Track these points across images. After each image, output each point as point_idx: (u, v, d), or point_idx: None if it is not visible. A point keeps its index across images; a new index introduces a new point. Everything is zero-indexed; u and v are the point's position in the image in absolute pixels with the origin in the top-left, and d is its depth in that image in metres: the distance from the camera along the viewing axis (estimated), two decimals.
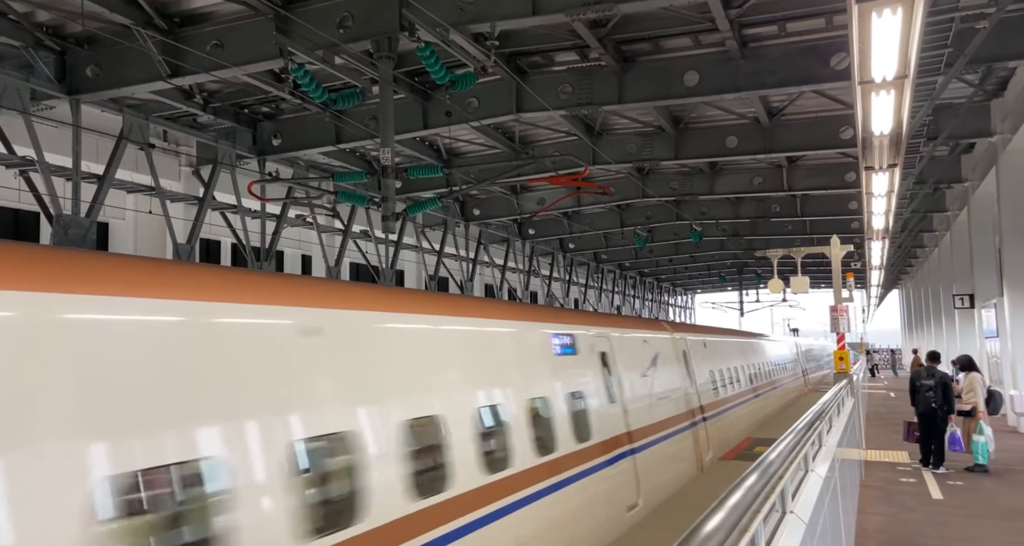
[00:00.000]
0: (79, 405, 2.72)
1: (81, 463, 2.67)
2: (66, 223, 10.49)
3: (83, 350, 2.79)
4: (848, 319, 14.35)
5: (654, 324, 10.97)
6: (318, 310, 4.10)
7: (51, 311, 2.75)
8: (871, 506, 8.71)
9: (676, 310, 52.12)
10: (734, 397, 13.92)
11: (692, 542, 1.89)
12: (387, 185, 9.34)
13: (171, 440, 3.02)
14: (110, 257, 3.51)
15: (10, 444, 2.49)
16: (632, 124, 15.40)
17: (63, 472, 2.61)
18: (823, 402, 6.25)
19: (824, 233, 21.43)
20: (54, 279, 2.85)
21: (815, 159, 17.81)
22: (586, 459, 6.71)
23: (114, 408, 2.83)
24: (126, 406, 2.88)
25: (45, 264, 2.97)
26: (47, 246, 3.48)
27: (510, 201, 20.66)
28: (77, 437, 2.69)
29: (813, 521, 3.52)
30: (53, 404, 2.64)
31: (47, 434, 2.61)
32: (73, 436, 2.68)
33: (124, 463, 2.79)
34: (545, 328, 6.85)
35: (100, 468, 2.71)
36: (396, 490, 4.19)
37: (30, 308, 2.69)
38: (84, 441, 2.70)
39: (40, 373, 2.65)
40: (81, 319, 2.85)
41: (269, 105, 13.77)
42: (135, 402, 2.92)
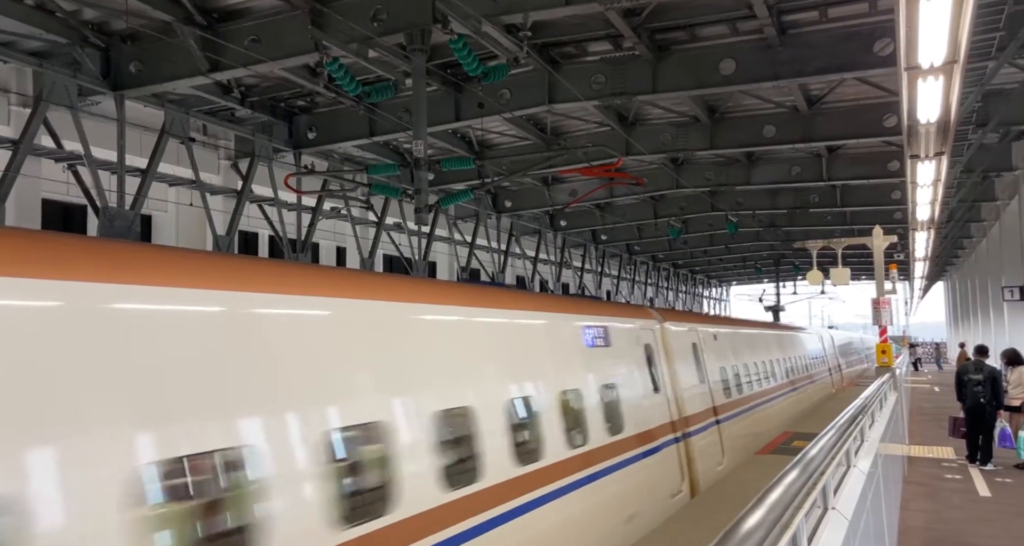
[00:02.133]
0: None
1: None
2: (112, 216, 10.80)
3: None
4: (891, 312, 13.97)
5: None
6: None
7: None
8: (915, 503, 8.50)
9: (710, 302, 51.46)
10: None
11: (731, 539, 1.86)
12: (420, 177, 9.39)
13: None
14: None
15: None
16: (666, 114, 15.18)
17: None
18: (865, 396, 6.10)
19: (865, 224, 20.86)
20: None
21: (856, 148, 17.34)
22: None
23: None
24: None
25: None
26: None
27: (542, 193, 20.60)
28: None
29: (856, 518, 3.44)
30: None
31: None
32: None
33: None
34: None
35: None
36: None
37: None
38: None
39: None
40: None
41: (304, 99, 13.94)
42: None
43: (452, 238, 20.73)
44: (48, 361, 2.58)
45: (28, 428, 2.47)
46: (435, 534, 4.13)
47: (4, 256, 2.63)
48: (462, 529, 4.38)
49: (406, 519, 3.95)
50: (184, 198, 14.42)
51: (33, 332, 2.58)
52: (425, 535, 4.05)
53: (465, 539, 4.37)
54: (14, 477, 2.40)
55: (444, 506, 4.28)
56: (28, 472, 2.45)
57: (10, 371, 2.48)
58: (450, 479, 4.39)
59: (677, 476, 8.40)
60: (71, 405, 2.60)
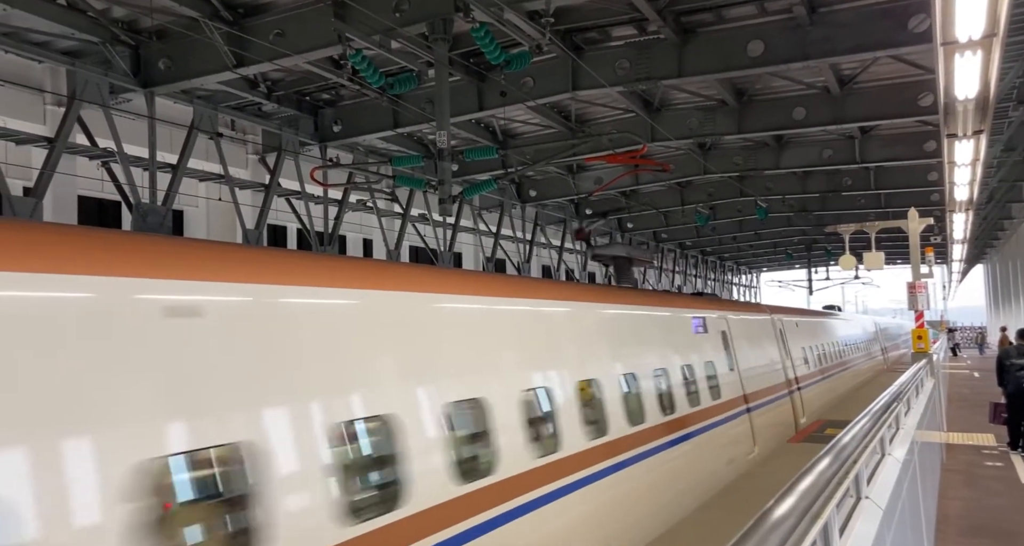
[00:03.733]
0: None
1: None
2: (144, 211, 11.02)
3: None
4: (927, 296, 13.62)
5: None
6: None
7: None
8: (953, 491, 8.32)
9: (740, 289, 50.78)
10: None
11: (761, 527, 1.83)
12: (443, 168, 9.39)
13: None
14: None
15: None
16: (693, 98, 14.94)
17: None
18: (900, 383, 5.96)
19: (900, 206, 20.35)
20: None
21: (890, 128, 16.88)
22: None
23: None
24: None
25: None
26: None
27: (566, 181, 20.47)
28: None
29: (891, 506, 3.37)
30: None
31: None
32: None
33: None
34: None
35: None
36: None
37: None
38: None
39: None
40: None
41: (329, 92, 14.02)
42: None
43: (477, 228, 20.74)
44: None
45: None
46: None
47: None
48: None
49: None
50: (214, 193, 14.66)
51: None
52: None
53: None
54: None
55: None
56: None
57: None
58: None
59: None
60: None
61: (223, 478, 3.03)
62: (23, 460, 2.37)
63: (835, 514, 2.42)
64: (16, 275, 2.52)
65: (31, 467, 2.38)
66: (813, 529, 2.16)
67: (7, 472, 2.33)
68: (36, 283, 2.56)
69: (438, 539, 3.82)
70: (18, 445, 2.37)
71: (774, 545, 1.75)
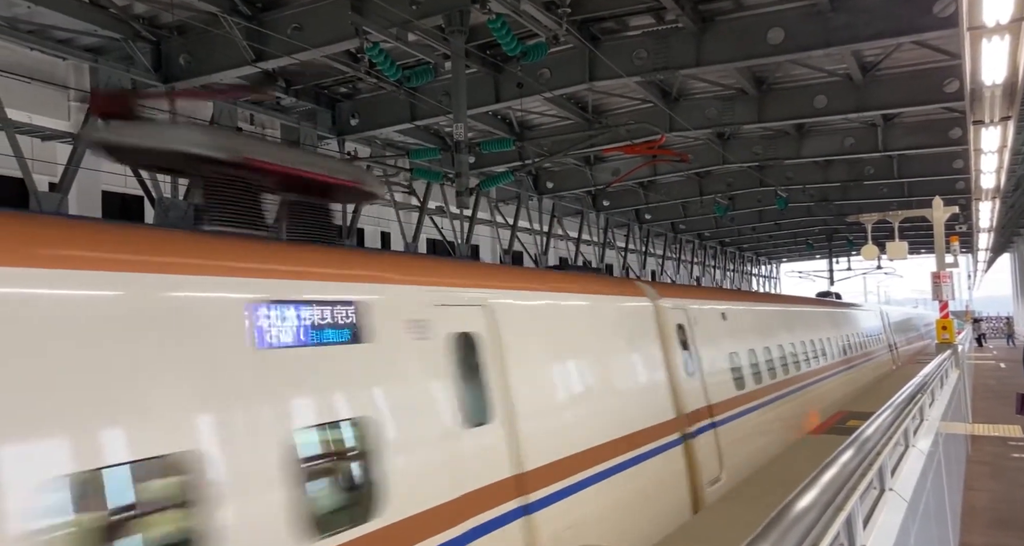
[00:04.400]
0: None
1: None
2: (167, 206, 11.17)
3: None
4: (952, 286, 13.39)
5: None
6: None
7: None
8: (979, 482, 8.21)
9: (760, 280, 50.31)
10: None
11: (783, 520, 1.82)
12: (460, 161, 9.39)
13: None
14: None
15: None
16: (711, 87, 14.77)
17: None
18: (924, 374, 5.89)
19: (924, 195, 19.98)
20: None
21: (914, 116, 16.56)
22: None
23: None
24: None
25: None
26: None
27: (584, 173, 20.37)
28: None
29: (915, 498, 3.34)
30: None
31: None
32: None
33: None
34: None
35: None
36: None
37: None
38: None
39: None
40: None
41: (347, 85, 14.07)
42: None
43: (494, 221, 20.74)
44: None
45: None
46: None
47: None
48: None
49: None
50: None
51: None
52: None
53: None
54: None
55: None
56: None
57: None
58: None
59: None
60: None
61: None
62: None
63: (858, 506, 2.40)
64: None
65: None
66: (836, 521, 2.15)
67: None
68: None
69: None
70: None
71: (796, 538, 1.75)
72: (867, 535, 2.50)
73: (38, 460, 2.36)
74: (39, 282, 2.52)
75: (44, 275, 2.54)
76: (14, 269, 2.47)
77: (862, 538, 2.39)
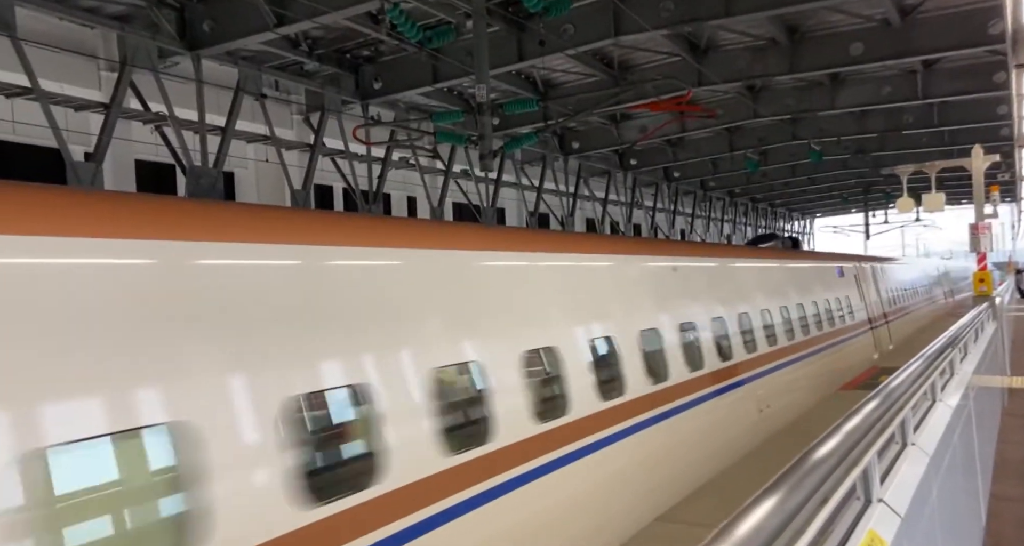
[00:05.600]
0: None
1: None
2: (197, 174, 11.36)
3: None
4: (990, 237, 13.02)
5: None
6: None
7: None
8: (1015, 435, 8.14)
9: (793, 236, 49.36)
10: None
11: (798, 470, 1.87)
12: (483, 122, 9.33)
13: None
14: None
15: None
16: (741, 38, 14.30)
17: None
18: (957, 328, 5.81)
19: (966, 143, 19.22)
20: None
21: (956, 61, 15.84)
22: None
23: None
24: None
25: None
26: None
27: (610, 131, 20.05)
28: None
29: (939, 452, 3.36)
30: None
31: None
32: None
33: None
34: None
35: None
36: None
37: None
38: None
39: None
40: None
41: (369, 48, 13.97)
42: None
43: (519, 183, 20.63)
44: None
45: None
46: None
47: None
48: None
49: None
50: (262, 154, 14.94)
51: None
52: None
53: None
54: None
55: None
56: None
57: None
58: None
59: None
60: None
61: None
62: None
63: (875, 460, 2.44)
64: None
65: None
66: (852, 474, 2.20)
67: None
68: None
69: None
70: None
71: (809, 488, 1.80)
72: (885, 487, 2.54)
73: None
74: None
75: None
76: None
77: (879, 492, 2.43)
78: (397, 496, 3.53)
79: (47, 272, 2.58)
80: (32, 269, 2.56)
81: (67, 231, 2.69)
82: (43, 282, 2.56)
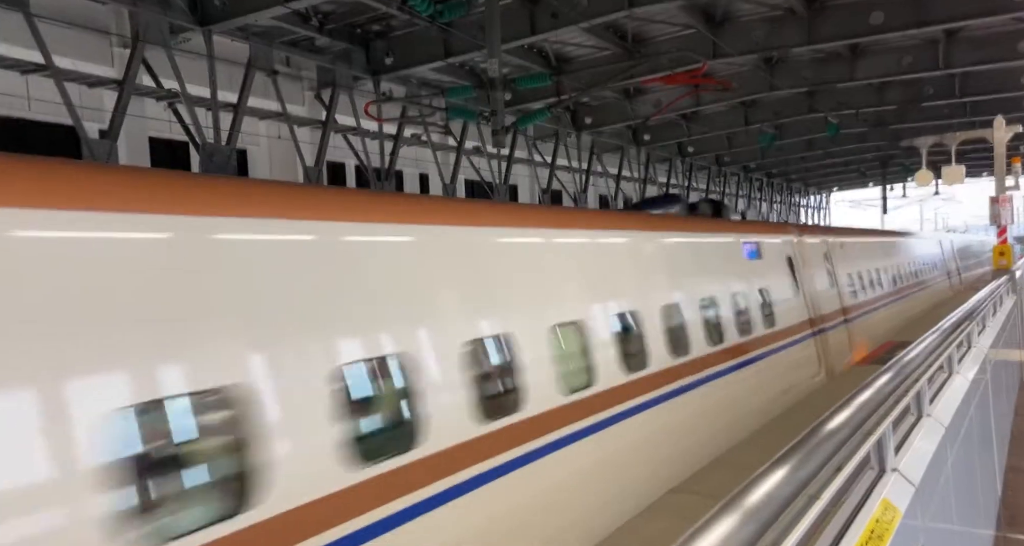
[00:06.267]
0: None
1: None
2: (210, 151, 11.38)
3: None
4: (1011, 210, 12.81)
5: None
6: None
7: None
8: None
9: (808, 211, 48.83)
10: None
11: (811, 440, 1.88)
12: (495, 98, 9.26)
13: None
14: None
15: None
16: (758, 8, 13.99)
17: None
18: (975, 301, 5.75)
19: (988, 114, 18.81)
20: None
21: (979, 29, 15.43)
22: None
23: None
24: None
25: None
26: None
27: (624, 106, 19.80)
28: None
29: (955, 424, 3.35)
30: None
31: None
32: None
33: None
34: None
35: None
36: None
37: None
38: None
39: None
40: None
41: (380, 23, 13.84)
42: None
43: (532, 159, 20.50)
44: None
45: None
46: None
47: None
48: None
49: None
50: (274, 131, 14.94)
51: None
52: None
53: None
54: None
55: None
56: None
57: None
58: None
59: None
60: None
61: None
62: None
63: (890, 429, 2.44)
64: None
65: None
66: (866, 444, 2.20)
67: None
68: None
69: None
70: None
71: (822, 457, 1.81)
72: (900, 458, 2.54)
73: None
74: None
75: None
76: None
77: (893, 462, 2.43)
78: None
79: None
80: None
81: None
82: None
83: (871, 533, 1.99)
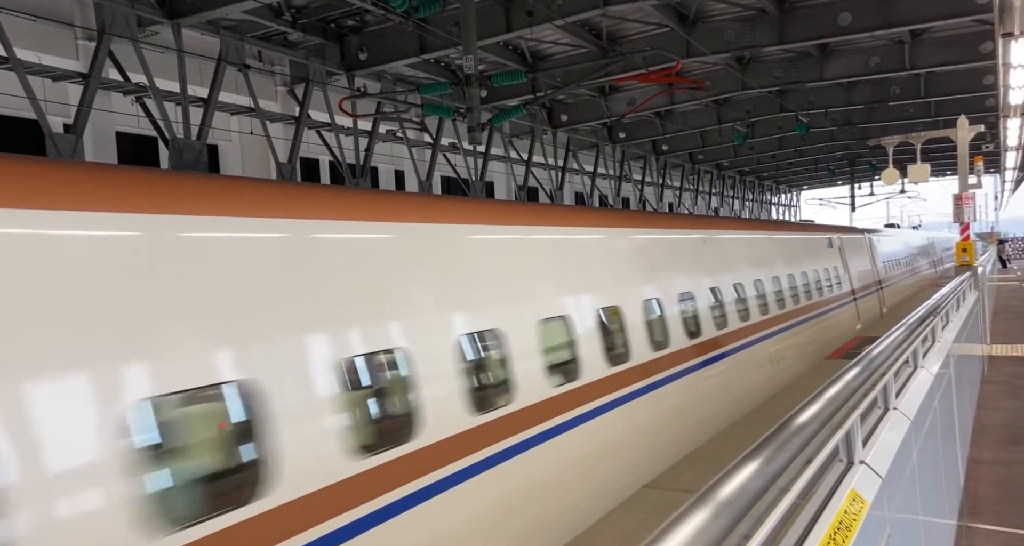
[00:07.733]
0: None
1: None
2: (180, 147, 11.18)
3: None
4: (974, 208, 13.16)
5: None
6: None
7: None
8: (994, 401, 8.35)
9: (780, 209, 49.60)
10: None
11: (781, 434, 1.91)
12: (471, 94, 9.24)
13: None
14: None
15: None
16: (730, 8, 14.16)
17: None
18: (938, 297, 5.91)
19: (952, 114, 19.32)
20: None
21: (944, 30, 15.82)
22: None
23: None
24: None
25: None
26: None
27: (599, 104, 19.91)
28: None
29: (920, 417, 3.44)
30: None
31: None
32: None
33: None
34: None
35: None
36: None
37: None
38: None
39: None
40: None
41: (354, 18, 13.70)
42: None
43: (508, 157, 20.49)
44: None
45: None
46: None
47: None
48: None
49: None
50: (246, 127, 14.72)
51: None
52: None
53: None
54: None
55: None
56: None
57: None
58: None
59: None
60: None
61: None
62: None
63: (858, 422, 2.49)
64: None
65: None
66: (835, 437, 2.25)
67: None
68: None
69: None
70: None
71: (792, 450, 1.85)
72: (867, 450, 2.60)
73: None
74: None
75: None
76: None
77: (861, 454, 2.49)
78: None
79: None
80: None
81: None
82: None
83: (839, 524, 2.04)
